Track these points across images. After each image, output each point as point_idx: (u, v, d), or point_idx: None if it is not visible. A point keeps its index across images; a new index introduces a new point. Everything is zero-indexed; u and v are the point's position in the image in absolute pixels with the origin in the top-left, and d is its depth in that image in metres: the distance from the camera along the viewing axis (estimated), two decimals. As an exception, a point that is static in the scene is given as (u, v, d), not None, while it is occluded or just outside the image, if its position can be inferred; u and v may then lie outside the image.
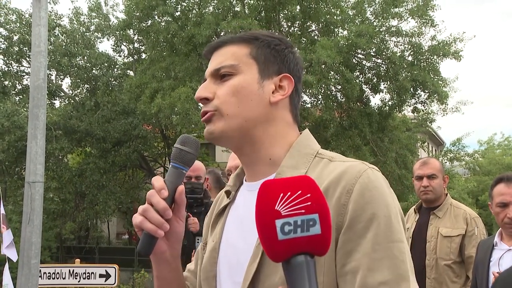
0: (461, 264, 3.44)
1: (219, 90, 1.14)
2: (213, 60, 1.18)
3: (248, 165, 1.19)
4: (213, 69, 1.17)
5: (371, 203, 1.00)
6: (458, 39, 15.86)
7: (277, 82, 1.16)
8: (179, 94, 14.09)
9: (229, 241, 1.18)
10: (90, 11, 20.30)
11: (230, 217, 1.21)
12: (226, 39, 1.19)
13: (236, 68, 1.14)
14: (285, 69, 1.18)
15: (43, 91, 5.42)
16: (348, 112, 16.68)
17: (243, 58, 1.15)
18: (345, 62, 14.77)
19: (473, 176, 28.23)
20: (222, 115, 1.13)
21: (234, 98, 1.13)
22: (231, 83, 1.14)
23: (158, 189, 1.09)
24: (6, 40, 19.38)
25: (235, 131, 1.13)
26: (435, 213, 3.59)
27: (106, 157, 19.34)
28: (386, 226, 0.99)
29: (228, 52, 1.16)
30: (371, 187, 1.02)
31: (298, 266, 0.64)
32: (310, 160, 1.12)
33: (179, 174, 1.14)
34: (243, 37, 1.18)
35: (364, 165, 1.06)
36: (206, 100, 1.15)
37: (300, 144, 1.16)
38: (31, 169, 5.22)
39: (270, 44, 1.17)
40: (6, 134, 17.18)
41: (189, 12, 16.06)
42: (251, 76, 1.14)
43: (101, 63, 19.58)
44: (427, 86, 15.64)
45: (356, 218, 0.99)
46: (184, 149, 1.14)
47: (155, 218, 1.08)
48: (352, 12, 16.09)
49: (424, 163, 3.68)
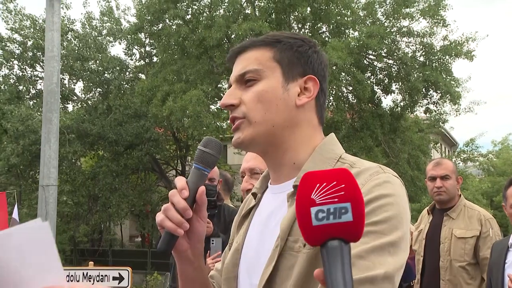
0: (475, 266, 3.40)
1: (244, 96, 1.15)
2: (237, 65, 1.19)
3: (273, 168, 1.20)
4: (237, 75, 1.17)
5: (378, 198, 0.99)
6: (471, 39, 15.74)
7: (302, 84, 1.16)
8: (190, 97, 14.14)
9: (251, 243, 1.19)
10: (102, 16, 20.46)
11: (254, 220, 1.23)
12: (249, 43, 1.19)
13: (260, 73, 1.14)
14: (309, 70, 1.17)
15: (56, 95, 5.47)
16: (360, 114, 16.61)
17: (266, 62, 1.15)
18: (356, 63, 14.72)
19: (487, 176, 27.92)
20: (250, 122, 1.14)
21: (260, 104, 1.13)
22: (256, 89, 1.14)
23: (179, 189, 1.12)
24: (20, 46, 19.62)
25: (262, 137, 1.14)
26: (449, 214, 3.56)
27: (119, 160, 19.45)
28: (388, 219, 0.97)
29: (252, 56, 1.17)
30: (381, 186, 1.01)
31: (332, 250, 0.70)
32: (332, 165, 1.12)
33: (201, 175, 1.15)
34: (265, 40, 1.18)
35: (379, 169, 1.06)
36: (232, 106, 1.16)
37: (323, 148, 1.16)
38: (45, 173, 5.27)
39: (293, 46, 1.17)
40: (20, 138, 17.37)
41: (200, 15, 16.12)
42: (275, 80, 1.14)
43: (113, 67, 19.73)
44: (439, 86, 15.51)
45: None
46: (206, 151, 1.16)
47: (175, 217, 1.10)
48: (363, 13, 16.03)
49: (437, 164, 3.65)
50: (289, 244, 1.05)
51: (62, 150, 16.55)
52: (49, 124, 5.34)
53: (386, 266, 0.94)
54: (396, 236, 0.97)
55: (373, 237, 0.95)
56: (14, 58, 19.83)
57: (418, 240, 3.68)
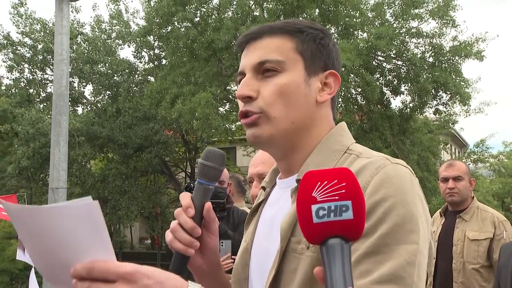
0: (489, 269, 3.36)
1: (263, 89, 1.06)
2: (253, 51, 1.08)
3: (283, 162, 1.13)
4: (255, 62, 1.07)
5: (383, 201, 0.91)
6: (481, 39, 15.62)
7: (323, 80, 1.09)
8: (199, 99, 14.16)
9: (260, 242, 1.13)
10: (111, 19, 20.59)
11: (262, 217, 1.17)
12: (267, 29, 1.09)
13: (282, 64, 1.05)
14: (330, 65, 1.10)
15: (65, 98, 5.50)
16: (369, 115, 16.54)
17: (288, 53, 1.06)
18: (365, 65, 14.66)
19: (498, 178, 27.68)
20: (268, 117, 1.05)
21: (280, 99, 1.04)
22: (277, 81, 1.05)
23: (184, 207, 1.07)
24: (31, 49, 19.79)
25: (281, 135, 1.05)
26: (462, 216, 3.52)
27: (128, 163, 19.53)
28: (398, 227, 0.89)
29: (271, 44, 1.07)
30: (386, 183, 0.92)
31: (332, 247, 0.70)
32: (339, 157, 1.05)
33: (206, 190, 1.10)
34: (286, 28, 1.08)
35: (386, 161, 0.97)
36: (249, 98, 1.06)
37: (331, 139, 1.08)
38: (55, 175, 5.29)
39: (315, 37, 1.09)
40: (31, 141, 17.50)
41: (208, 18, 16.16)
42: (297, 74, 1.06)
43: (122, 70, 19.83)
44: (449, 87, 15.41)
45: (366, 216, 0.92)
46: (208, 165, 1.09)
47: (184, 238, 1.05)
48: (371, 14, 15.98)
49: (450, 165, 3.62)
50: (292, 245, 0.99)
51: (72, 152, 16.65)
52: (59, 127, 5.37)
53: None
54: (413, 241, 0.90)
55: (388, 253, 0.88)
56: (25, 62, 20.00)
57: (430, 242, 3.65)
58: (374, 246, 0.89)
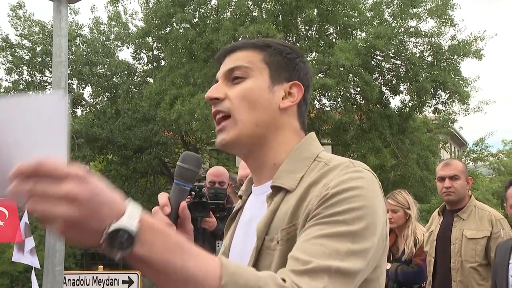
0: (487, 267, 3.37)
1: (230, 92, 1.17)
2: (226, 63, 1.22)
3: (255, 170, 1.22)
4: (226, 70, 1.20)
5: (344, 191, 1.00)
6: (479, 38, 15.64)
7: (287, 89, 1.19)
8: (198, 100, 14.18)
9: (236, 245, 1.22)
10: (110, 20, 20.59)
11: (239, 222, 1.26)
12: (239, 45, 1.23)
13: (248, 71, 1.17)
14: (295, 77, 1.21)
15: (64, 100, 5.51)
16: (368, 114, 16.56)
17: (256, 63, 1.19)
18: (364, 64, 14.68)
19: (497, 176, 27.70)
20: (235, 122, 1.15)
21: (245, 102, 1.15)
22: (243, 86, 1.17)
23: (161, 206, 1.14)
24: (30, 52, 19.79)
25: (246, 137, 1.16)
26: (459, 215, 3.53)
27: (128, 164, 19.53)
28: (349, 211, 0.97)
29: (242, 56, 1.20)
30: (349, 180, 1.02)
31: None
32: (309, 164, 1.13)
33: (182, 191, 1.18)
34: (256, 43, 1.22)
35: (350, 163, 1.08)
36: (216, 100, 1.18)
37: (301, 148, 1.17)
38: (55, 177, 5.29)
39: (282, 52, 1.21)
40: (30, 143, 17.49)
41: (207, 19, 16.18)
42: (262, 81, 1.17)
43: (121, 71, 19.84)
44: (448, 86, 15.43)
45: (323, 202, 0.99)
46: (184, 167, 1.17)
47: None
48: (370, 14, 16.00)
49: (447, 164, 3.64)
50: (266, 243, 1.07)
51: (72, 154, 16.66)
52: (58, 129, 5.38)
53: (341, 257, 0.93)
54: (358, 227, 0.96)
55: (332, 225, 0.96)
56: (24, 64, 20.00)
57: (429, 242, 3.66)
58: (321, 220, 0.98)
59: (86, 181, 0.75)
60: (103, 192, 0.77)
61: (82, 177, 0.75)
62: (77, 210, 0.73)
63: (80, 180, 0.74)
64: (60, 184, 0.73)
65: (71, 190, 0.73)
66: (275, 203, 1.10)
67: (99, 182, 0.77)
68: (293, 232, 1.03)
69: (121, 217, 0.77)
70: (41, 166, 0.73)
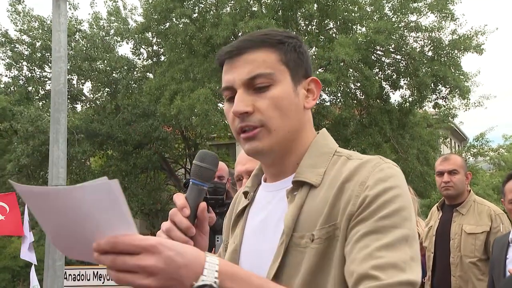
0: (487, 262, 3.37)
1: (258, 103, 1.09)
2: (238, 67, 1.11)
3: (273, 167, 1.18)
4: (245, 78, 1.09)
5: (384, 192, 1.00)
6: (480, 32, 15.59)
7: (306, 86, 1.16)
8: (198, 96, 14.16)
9: (251, 243, 1.18)
10: (109, 16, 20.52)
11: (250, 219, 1.21)
12: (249, 44, 1.12)
13: (272, 77, 1.10)
14: (310, 71, 1.18)
15: (63, 96, 5.50)
16: (368, 110, 16.54)
17: (275, 65, 1.11)
18: (364, 59, 14.65)
19: (498, 171, 27.70)
20: (269, 131, 1.10)
21: (277, 111, 1.09)
22: (271, 95, 1.09)
23: (179, 207, 1.10)
24: (29, 47, 19.75)
25: (279, 144, 1.11)
26: (458, 210, 3.54)
27: (128, 160, 19.53)
28: (396, 213, 0.98)
29: (258, 58, 1.10)
30: (385, 179, 1.02)
31: None
32: (329, 159, 1.12)
33: (200, 191, 1.14)
34: (267, 41, 1.12)
35: (380, 160, 1.08)
36: (245, 114, 1.09)
37: (318, 143, 1.16)
38: (54, 173, 5.30)
39: (295, 47, 1.15)
40: (30, 138, 17.51)
41: (206, 14, 16.13)
42: (287, 85, 1.11)
43: (121, 67, 19.80)
44: (448, 81, 15.41)
45: (367, 205, 0.99)
46: (203, 166, 1.13)
47: (179, 237, 1.08)
48: (370, 8, 15.95)
49: (445, 159, 3.64)
50: (295, 240, 1.05)
51: (72, 150, 16.66)
52: (57, 125, 5.37)
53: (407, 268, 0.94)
54: (409, 228, 0.99)
55: (386, 233, 0.96)
56: (23, 59, 19.97)
57: (428, 237, 3.66)
58: (373, 226, 0.97)
59: (159, 251, 0.82)
60: (178, 255, 0.83)
61: (155, 247, 0.82)
62: (156, 279, 0.81)
63: (153, 251, 0.81)
64: (136, 258, 0.81)
65: (146, 264, 0.81)
66: (300, 198, 1.08)
67: (173, 246, 0.84)
68: (332, 232, 1.01)
69: (201, 275, 0.83)
70: (117, 243, 0.82)
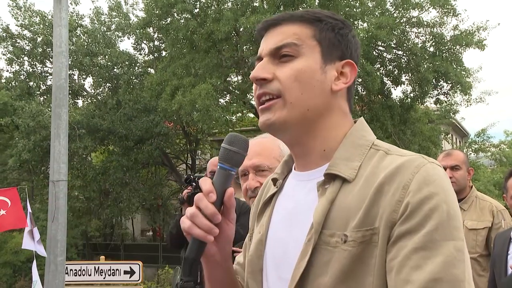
0: (487, 258, 3.37)
1: (279, 72, 1.06)
2: (270, 37, 1.09)
3: (301, 155, 1.11)
4: (272, 47, 1.07)
5: (429, 198, 0.93)
6: (482, 28, 15.55)
7: (339, 69, 1.09)
8: (199, 91, 14.15)
9: (277, 234, 1.11)
10: (111, 11, 20.52)
11: (277, 208, 1.15)
12: (286, 16, 1.10)
13: (299, 49, 1.06)
14: (348, 55, 1.10)
15: (65, 91, 5.49)
16: (369, 105, 16.53)
17: (306, 39, 1.07)
18: (365, 55, 14.62)
19: (499, 167, 27.68)
20: (285, 102, 1.05)
21: (296, 83, 1.04)
22: (294, 65, 1.05)
23: (206, 192, 1.04)
24: (30, 42, 19.75)
25: (295, 121, 1.05)
26: (460, 205, 3.52)
27: (129, 155, 19.56)
28: (444, 223, 0.91)
29: (289, 30, 1.08)
30: (430, 182, 0.95)
31: None
32: (365, 152, 1.05)
33: (228, 176, 1.07)
34: (305, 16, 1.09)
35: (423, 159, 1.00)
36: (263, 80, 1.06)
37: (354, 134, 1.08)
38: (55, 168, 5.30)
39: (334, 27, 1.10)
40: (31, 134, 17.53)
41: (208, 9, 16.09)
42: (314, 60, 1.06)
43: (122, 62, 19.80)
44: (450, 77, 15.38)
45: (411, 214, 0.92)
46: (232, 149, 1.07)
47: (204, 224, 1.03)
48: (371, 4, 15.91)
49: (448, 154, 3.63)
50: (324, 238, 0.99)
51: (73, 145, 16.68)
52: (58, 120, 5.37)
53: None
54: (459, 237, 0.92)
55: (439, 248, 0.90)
56: (24, 54, 19.97)
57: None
58: (422, 242, 0.90)
59: None
60: None
61: None
62: None
63: None
64: None
65: None
66: (332, 192, 1.01)
67: None
68: (369, 236, 0.94)
69: None
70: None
